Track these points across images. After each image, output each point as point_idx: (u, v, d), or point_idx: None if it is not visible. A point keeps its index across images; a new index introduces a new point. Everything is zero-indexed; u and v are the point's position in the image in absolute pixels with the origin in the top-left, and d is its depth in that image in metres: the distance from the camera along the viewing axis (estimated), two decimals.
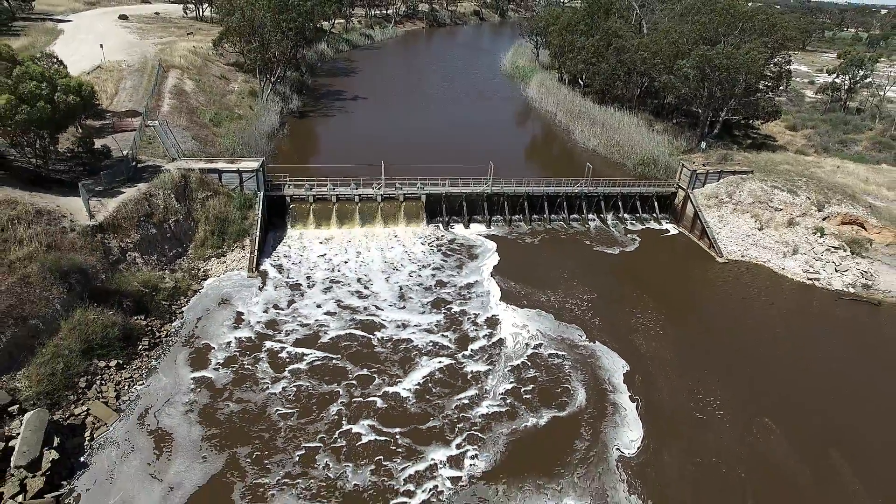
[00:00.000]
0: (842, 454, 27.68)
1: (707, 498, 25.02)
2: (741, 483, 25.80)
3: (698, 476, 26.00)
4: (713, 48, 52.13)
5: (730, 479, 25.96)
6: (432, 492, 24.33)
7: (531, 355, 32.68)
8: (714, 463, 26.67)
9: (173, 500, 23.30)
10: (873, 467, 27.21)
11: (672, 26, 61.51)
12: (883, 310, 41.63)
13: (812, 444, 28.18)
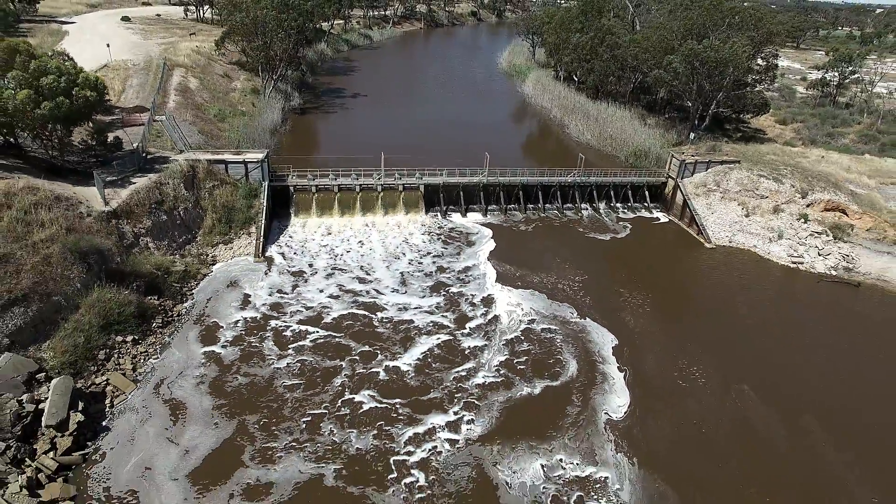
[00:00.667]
0: (815, 417, 29.47)
1: (688, 455, 26.80)
2: (720, 442, 27.61)
3: (680, 436, 27.79)
4: (701, 43, 53.97)
5: (709, 439, 27.76)
6: (431, 452, 26.05)
7: (525, 330, 34.50)
8: (695, 425, 28.47)
9: (189, 461, 24.96)
10: (843, 429, 28.98)
11: (662, 22, 63.43)
12: (862, 290, 43.43)
13: (787, 409, 29.96)
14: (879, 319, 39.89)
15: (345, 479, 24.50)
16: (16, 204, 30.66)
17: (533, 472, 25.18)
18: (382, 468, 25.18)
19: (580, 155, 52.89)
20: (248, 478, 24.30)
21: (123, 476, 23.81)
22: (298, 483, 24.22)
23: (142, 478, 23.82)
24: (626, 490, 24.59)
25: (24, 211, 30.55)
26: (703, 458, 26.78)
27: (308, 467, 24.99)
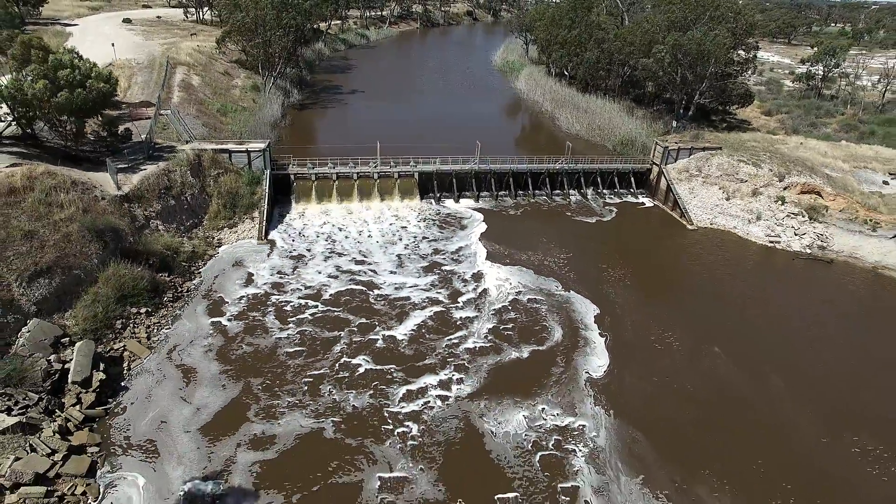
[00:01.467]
0: (779, 375, 31.83)
1: (659, 406, 29.13)
2: (689, 394, 29.97)
3: (654, 390, 30.13)
4: (684, 35, 56.35)
5: (680, 392, 30.11)
6: (423, 406, 28.34)
7: (513, 301, 36.86)
8: (667, 381, 30.80)
9: (200, 417, 27.17)
10: (804, 385, 31.33)
11: (646, 17, 65.83)
12: (834, 267, 45.79)
13: (754, 367, 32.33)
14: (849, 293, 42.25)
15: (343, 432, 26.70)
16: (37, 186, 32.96)
17: (516, 422, 27.50)
18: (378, 422, 27.39)
19: (567, 143, 55.31)
20: (254, 431, 26.48)
21: (142, 428, 26.08)
22: (300, 435, 26.41)
23: (158, 430, 26.08)
24: (602, 436, 26.91)
25: (45, 193, 32.85)
26: (673, 408, 29.12)
27: (309, 422, 27.18)
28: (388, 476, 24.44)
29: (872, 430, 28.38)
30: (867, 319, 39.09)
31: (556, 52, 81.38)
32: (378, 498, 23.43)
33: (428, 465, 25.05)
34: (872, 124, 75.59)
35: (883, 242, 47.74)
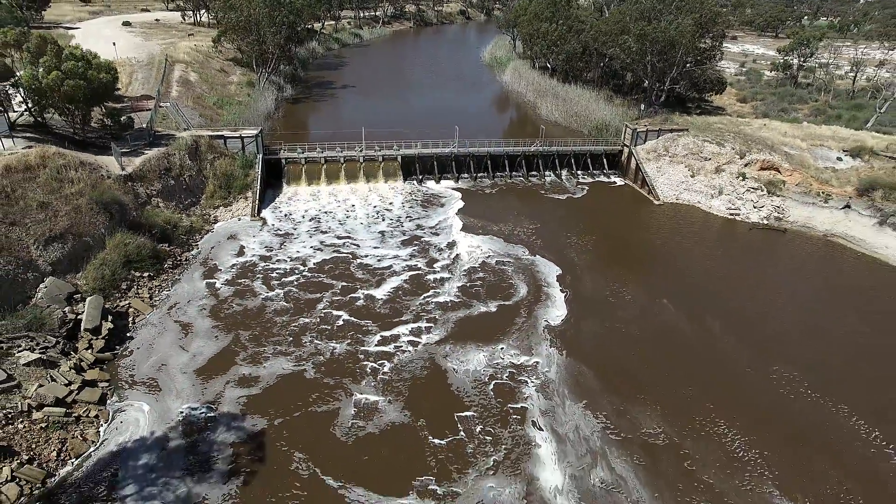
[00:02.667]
0: (719, 321, 35.31)
1: (609, 348, 32.60)
2: (636, 338, 33.43)
3: (604, 335, 33.59)
4: (650, 24, 59.79)
5: (628, 336, 33.58)
6: (395, 349, 31.82)
7: (482, 264, 40.37)
8: (618, 327, 34.27)
9: (196, 361, 30.48)
10: (739, 328, 34.82)
11: (617, 8, 69.25)
12: (788, 236, 49.17)
13: (697, 315, 35.80)
14: (797, 257, 45.67)
15: (322, 373, 30.06)
16: (49, 165, 36.62)
17: (476, 361, 30.97)
18: (353, 364, 30.77)
19: (542, 127, 58.81)
20: (242, 372, 29.74)
21: (145, 369, 29.58)
22: (282, 376, 29.69)
23: (159, 371, 29.56)
24: (553, 371, 30.36)
25: (56, 170, 36.50)
26: (620, 349, 32.57)
27: (290, 366, 30.45)
28: (361, 406, 27.89)
29: (791, 361, 31.80)
30: (809, 276, 42.49)
31: (538, 45, 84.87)
32: (350, 423, 26.87)
33: (396, 396, 28.51)
34: (840, 109, 78.90)
35: (833, 213, 51.12)
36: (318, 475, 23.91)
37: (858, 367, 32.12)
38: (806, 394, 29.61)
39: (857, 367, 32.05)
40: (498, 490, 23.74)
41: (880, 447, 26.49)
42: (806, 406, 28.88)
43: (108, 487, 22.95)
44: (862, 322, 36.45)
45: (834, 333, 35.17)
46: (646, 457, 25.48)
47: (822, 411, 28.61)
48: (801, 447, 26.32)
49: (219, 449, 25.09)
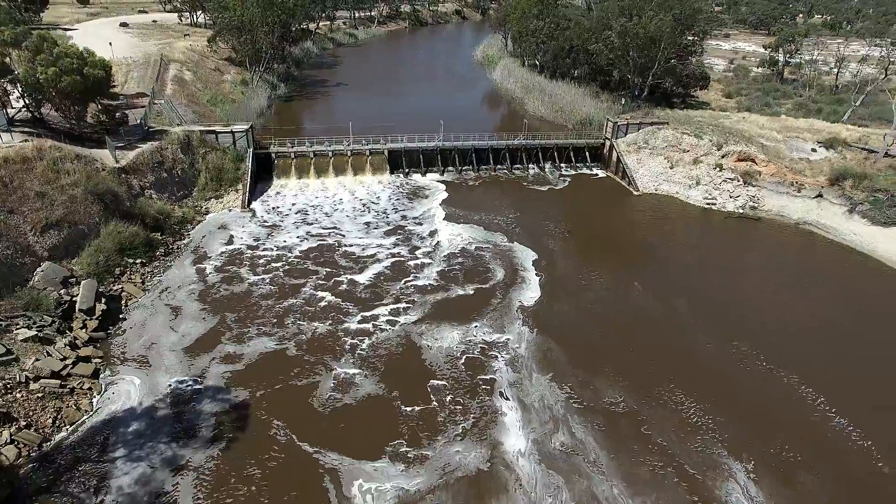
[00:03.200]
0: (687, 302, 36.97)
1: (578, 326, 34.27)
2: (605, 318, 35.13)
3: (575, 315, 35.26)
4: (630, 20, 61.45)
5: (597, 316, 35.27)
6: (374, 328, 33.49)
7: (462, 250, 42.08)
8: (588, 307, 35.96)
9: (184, 341, 32.08)
10: (705, 308, 36.52)
11: (599, 5, 70.88)
12: (762, 224, 50.85)
13: (666, 297, 37.45)
14: (771, 244, 47.32)
15: (304, 351, 31.68)
16: (46, 157, 38.28)
17: (451, 338, 32.65)
18: (333, 342, 32.39)
19: (525, 120, 60.41)
20: (227, 350, 31.35)
21: (136, 347, 31.26)
22: (265, 353, 31.30)
23: (149, 349, 31.23)
24: (523, 347, 32.03)
25: (53, 162, 38.18)
26: (589, 327, 34.25)
27: (273, 344, 32.06)
28: (339, 380, 29.53)
29: (750, 337, 33.48)
30: (778, 261, 44.10)
31: (526, 43, 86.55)
32: (328, 395, 28.52)
33: (372, 371, 30.16)
34: (822, 103, 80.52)
35: (806, 202, 52.74)
36: (295, 441, 25.58)
37: (813, 342, 33.80)
38: (760, 366, 31.27)
39: (811, 343, 33.72)
40: (464, 454, 25.39)
41: (823, 412, 28.13)
42: (759, 377, 30.53)
43: (99, 451, 24.65)
44: (823, 302, 38.11)
45: (795, 313, 36.80)
46: (605, 423, 27.13)
47: (774, 382, 30.25)
48: (751, 414, 27.95)
49: (203, 418, 26.78)
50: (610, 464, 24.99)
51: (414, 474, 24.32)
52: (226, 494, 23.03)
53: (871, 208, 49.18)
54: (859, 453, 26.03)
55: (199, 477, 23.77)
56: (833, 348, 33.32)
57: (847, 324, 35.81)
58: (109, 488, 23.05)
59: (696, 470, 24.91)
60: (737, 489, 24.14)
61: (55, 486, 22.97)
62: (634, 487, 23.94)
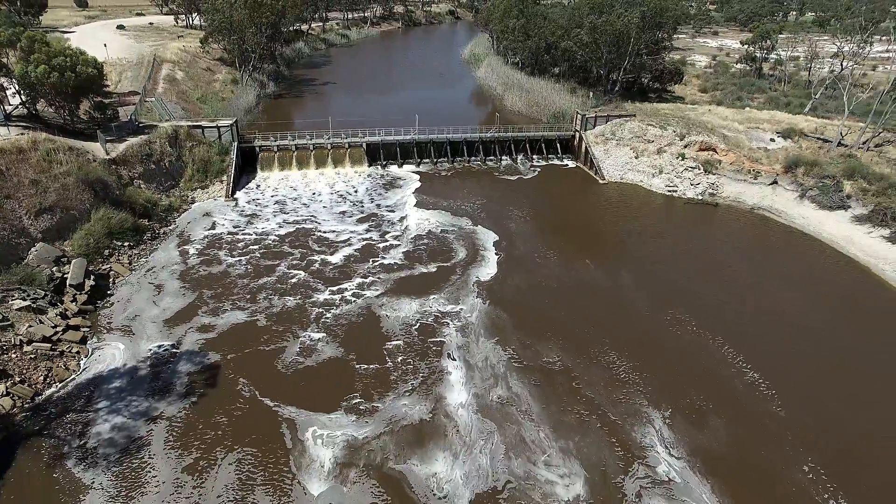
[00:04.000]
0: (631, 275, 39.91)
1: (527, 297, 37.20)
2: (554, 290, 38.08)
3: (526, 288, 38.22)
4: (599, 17, 64.36)
5: (547, 289, 38.20)
6: (340, 301, 36.46)
7: (428, 233, 45.08)
8: (539, 282, 38.91)
9: (165, 314, 34.92)
10: (646, 280, 39.47)
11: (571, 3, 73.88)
12: (719, 209, 53.68)
13: (614, 272, 40.42)
14: (725, 227, 50.22)
15: (273, 322, 34.58)
16: (40, 148, 41.42)
17: (408, 309, 35.62)
18: (300, 314, 35.30)
19: (497, 114, 63.27)
20: (202, 322, 34.16)
21: (121, 319, 34.30)
22: (237, 324, 34.17)
23: (133, 320, 34.24)
24: (474, 316, 34.98)
25: (47, 152, 41.32)
26: (538, 298, 37.18)
27: (245, 317, 34.87)
28: (304, 346, 32.47)
29: (687, 307, 36.35)
30: (728, 242, 46.96)
31: (505, 41, 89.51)
32: (293, 359, 31.46)
33: (334, 337, 33.12)
34: (792, 97, 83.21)
35: (762, 189, 55.56)
36: (258, 396, 28.56)
37: (744, 310, 36.65)
38: (690, 330, 34.18)
39: (743, 311, 36.56)
40: (410, 406, 28.34)
41: (739, 368, 31.02)
42: (687, 340, 33.44)
43: (84, 403, 27.70)
44: (764, 278, 40.95)
45: (733, 286, 39.64)
46: (541, 379, 30.06)
47: (699, 343, 33.17)
48: (674, 371, 30.83)
49: (178, 377, 29.80)
50: (541, 413, 27.92)
51: (363, 424, 27.27)
52: (193, 438, 26.05)
53: (820, 194, 51.99)
54: (763, 401, 28.91)
55: (171, 424, 26.80)
56: (762, 315, 36.14)
57: (782, 296, 38.62)
58: (92, 433, 26.10)
59: (619, 417, 27.82)
60: (652, 432, 27.04)
61: (45, 432, 26.04)
62: (560, 432, 26.86)
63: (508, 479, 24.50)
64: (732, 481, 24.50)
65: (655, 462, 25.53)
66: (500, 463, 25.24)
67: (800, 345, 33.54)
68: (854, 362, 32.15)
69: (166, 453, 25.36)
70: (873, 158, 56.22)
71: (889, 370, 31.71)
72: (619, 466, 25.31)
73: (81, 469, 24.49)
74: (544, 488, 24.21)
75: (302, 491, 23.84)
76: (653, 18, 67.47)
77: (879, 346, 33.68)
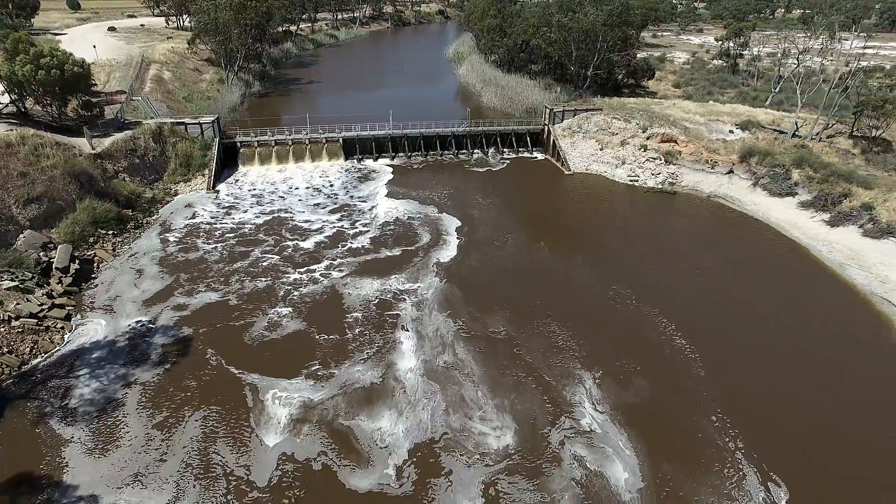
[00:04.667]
0: (583, 256, 42.80)
1: (481, 276, 40.06)
2: (508, 270, 40.97)
3: (481, 268, 41.07)
4: (567, 16, 67.19)
5: (501, 269, 41.09)
6: (308, 280, 39.27)
7: (396, 220, 47.97)
8: (494, 262, 41.82)
9: (144, 295, 37.60)
10: (596, 260, 42.32)
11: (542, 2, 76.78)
12: (677, 197, 56.55)
13: (566, 253, 43.31)
14: (680, 213, 53.08)
15: (244, 301, 37.30)
16: (28, 143, 44.17)
17: (370, 287, 38.46)
18: (269, 294, 38.08)
19: (468, 109, 66.08)
20: (178, 302, 36.80)
21: (103, 299, 37.07)
22: (210, 303, 36.86)
23: (114, 300, 37.01)
24: (430, 293, 37.81)
25: (34, 147, 44.09)
26: (490, 277, 40.05)
27: (217, 297, 37.61)
28: (271, 322, 35.24)
29: (630, 282, 39.26)
30: (680, 227, 49.87)
31: (483, 40, 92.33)
32: (260, 333, 34.18)
33: (299, 313, 35.93)
34: (760, 92, 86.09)
35: (718, 177, 58.46)
36: (223, 364, 31.33)
37: (685, 285, 39.55)
38: (630, 305, 37.05)
39: (683, 286, 39.45)
40: (363, 372, 31.13)
41: (669, 335, 33.91)
42: (626, 313, 36.31)
43: (67, 371, 30.50)
44: (709, 258, 43.82)
45: (679, 266, 42.51)
46: (485, 347, 32.90)
47: (637, 315, 36.03)
48: (609, 339, 33.68)
49: (153, 348, 32.59)
50: (482, 375, 30.75)
51: (320, 388, 30.03)
52: (164, 400, 28.85)
53: (770, 182, 54.92)
54: (686, 363, 31.80)
55: (144, 388, 29.60)
56: (700, 291, 39.01)
57: (722, 274, 41.48)
58: (73, 396, 28.90)
59: (552, 378, 30.66)
60: (582, 391, 29.88)
61: (30, 395, 28.83)
62: (496, 391, 29.69)
63: (445, 431, 27.34)
64: (646, 430, 27.36)
65: (581, 416, 28.37)
66: (439, 418, 28.08)
67: (729, 316, 36.43)
68: (776, 330, 35.05)
69: (139, 412, 28.16)
70: (824, 149, 59.17)
71: (806, 336, 34.60)
72: (547, 420, 28.16)
73: (63, 426, 27.28)
74: (477, 439, 27.04)
75: (259, 443, 26.66)
76: (619, 17, 70.27)
77: (805, 316, 36.58)
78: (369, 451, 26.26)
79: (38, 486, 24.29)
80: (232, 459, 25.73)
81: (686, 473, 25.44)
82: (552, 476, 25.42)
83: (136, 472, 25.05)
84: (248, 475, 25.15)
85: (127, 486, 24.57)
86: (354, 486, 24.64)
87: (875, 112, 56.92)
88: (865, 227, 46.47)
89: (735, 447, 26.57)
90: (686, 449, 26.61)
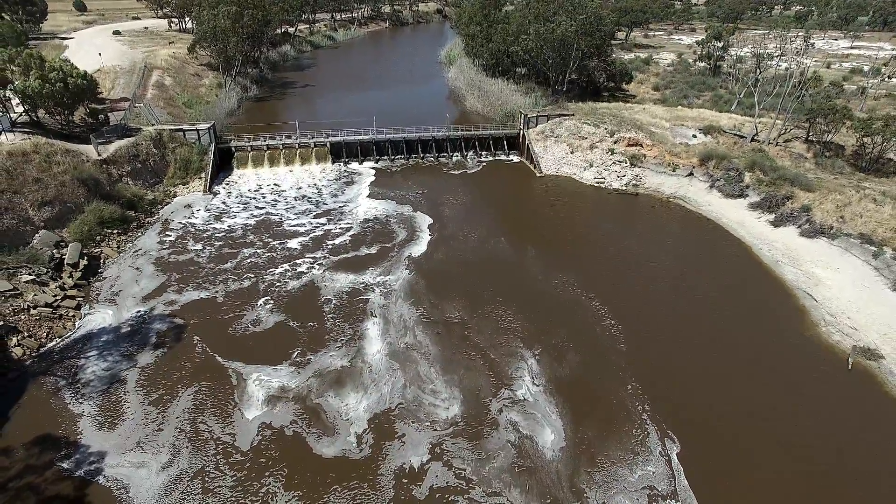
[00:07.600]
0: (537, 249, 47.50)
1: (444, 267, 44.76)
2: (469, 262, 45.71)
3: (446, 261, 45.81)
4: (542, 25, 71.39)
5: (463, 261, 45.88)
6: (290, 275, 43.95)
7: (374, 219, 52.72)
8: (458, 255, 46.58)
9: (142, 291, 42.05)
10: (548, 253, 46.95)
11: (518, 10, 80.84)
12: (639, 198, 60.93)
13: (522, 246, 48.04)
14: (639, 213, 57.47)
15: (230, 297, 41.70)
16: (41, 151, 48.99)
17: (344, 280, 43.16)
18: (251, 290, 42.67)
19: (446, 114, 70.62)
20: (169, 298, 41.25)
21: (108, 293, 41.85)
22: (198, 300, 41.58)
23: (118, 294, 41.76)
24: (398, 284, 42.49)
25: (47, 154, 48.90)
26: (453, 268, 44.77)
27: (205, 294, 42.22)
28: (254, 315, 39.78)
29: (576, 272, 43.94)
30: (636, 225, 54.27)
31: (469, 45, 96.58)
32: (243, 325, 38.73)
33: (280, 306, 40.60)
34: (732, 96, 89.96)
35: (679, 179, 62.74)
36: (209, 352, 35.89)
37: (628, 276, 44.11)
38: (572, 291, 41.75)
39: (627, 277, 44.01)
40: (334, 356, 35.79)
41: (601, 318, 38.63)
42: (566, 298, 41.01)
43: (78, 352, 35.36)
44: (655, 252, 48.26)
45: (627, 259, 47.02)
46: (441, 330, 37.56)
47: (576, 301, 40.73)
48: (549, 321, 38.32)
49: (151, 335, 37.36)
50: (437, 355, 35.41)
51: (296, 374, 34.57)
52: (160, 377, 33.63)
53: (725, 184, 59.18)
54: (612, 341, 36.55)
55: (143, 369, 34.38)
56: (641, 281, 43.53)
57: (666, 266, 45.95)
58: (84, 372, 33.75)
59: (497, 356, 35.30)
60: (524, 366, 34.51)
61: (48, 372, 33.70)
62: (448, 367, 34.36)
63: (400, 402, 32.04)
64: (572, 398, 32.00)
65: (519, 388, 33.02)
66: (396, 392, 32.77)
67: (662, 304, 40.97)
68: (701, 317, 39.61)
69: (138, 389, 32.93)
70: (779, 153, 63.38)
71: (727, 324, 39.07)
72: (490, 392, 32.80)
73: (74, 400, 32.07)
74: (428, 409, 31.71)
75: (241, 415, 31.33)
76: (592, 26, 74.39)
77: (733, 308, 41.03)
78: (334, 421, 30.94)
79: (55, 445, 29.15)
80: (218, 429, 30.48)
81: (601, 434, 30.08)
82: (490, 438, 30.08)
83: (138, 440, 29.80)
84: (233, 441, 29.89)
85: (130, 450, 29.32)
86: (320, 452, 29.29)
87: (824, 119, 61.02)
88: (803, 228, 50.76)
89: (643, 410, 31.25)
90: (603, 414, 31.25)
